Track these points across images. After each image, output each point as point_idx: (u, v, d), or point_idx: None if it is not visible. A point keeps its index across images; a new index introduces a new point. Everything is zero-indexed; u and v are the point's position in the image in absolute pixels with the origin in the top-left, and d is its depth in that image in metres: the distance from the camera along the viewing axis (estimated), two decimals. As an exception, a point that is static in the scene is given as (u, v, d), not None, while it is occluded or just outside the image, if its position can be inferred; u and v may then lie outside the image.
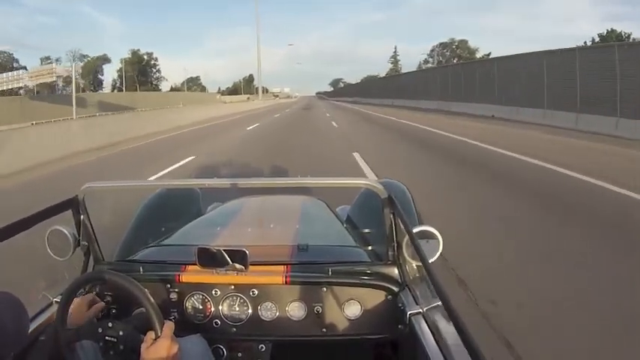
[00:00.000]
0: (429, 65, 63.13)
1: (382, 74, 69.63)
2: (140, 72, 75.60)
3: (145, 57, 78.76)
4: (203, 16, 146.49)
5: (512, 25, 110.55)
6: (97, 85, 70.54)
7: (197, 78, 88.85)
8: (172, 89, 78.83)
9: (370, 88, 55.46)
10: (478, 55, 58.69)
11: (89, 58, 68.64)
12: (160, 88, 76.88)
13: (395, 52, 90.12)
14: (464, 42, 71.42)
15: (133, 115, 22.03)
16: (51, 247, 1.30)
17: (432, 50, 74.50)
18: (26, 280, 2.00)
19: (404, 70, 63.78)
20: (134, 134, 13.52)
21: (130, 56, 75.66)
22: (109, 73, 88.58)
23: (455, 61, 57.79)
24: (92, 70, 68.46)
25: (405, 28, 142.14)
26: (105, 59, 72.13)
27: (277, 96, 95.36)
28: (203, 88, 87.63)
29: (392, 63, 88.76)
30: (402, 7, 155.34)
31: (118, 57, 75.93)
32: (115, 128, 13.11)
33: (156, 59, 79.84)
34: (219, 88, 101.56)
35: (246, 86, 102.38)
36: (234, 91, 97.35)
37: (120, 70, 73.16)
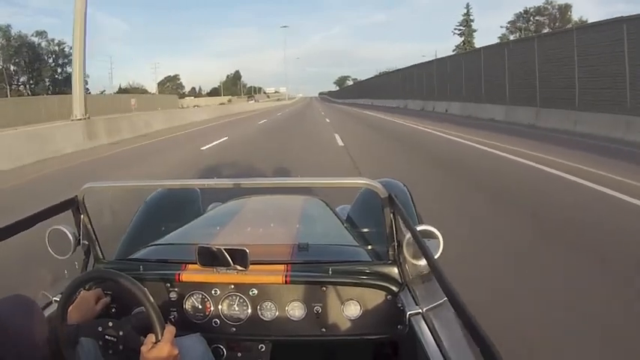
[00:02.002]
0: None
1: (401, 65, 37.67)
2: (25, 64, 47.93)
3: (36, 40, 48.65)
4: (200, 14, 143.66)
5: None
6: None
7: (176, 77, 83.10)
8: (120, 90, 58.75)
9: (405, 84, 32.24)
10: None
11: None
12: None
13: (467, 12, 52.65)
14: (567, 7, 45.37)
15: None
16: (51, 246, 1.30)
17: (514, 21, 50.05)
18: (26, 279, 1.91)
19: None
20: None
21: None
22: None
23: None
24: None
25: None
26: None
27: (253, 97, 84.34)
28: (184, 89, 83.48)
29: (461, 34, 53.08)
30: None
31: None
32: None
33: (64, 45, 48.99)
34: (200, 88, 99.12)
35: (232, 86, 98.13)
36: (214, 91, 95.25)
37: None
